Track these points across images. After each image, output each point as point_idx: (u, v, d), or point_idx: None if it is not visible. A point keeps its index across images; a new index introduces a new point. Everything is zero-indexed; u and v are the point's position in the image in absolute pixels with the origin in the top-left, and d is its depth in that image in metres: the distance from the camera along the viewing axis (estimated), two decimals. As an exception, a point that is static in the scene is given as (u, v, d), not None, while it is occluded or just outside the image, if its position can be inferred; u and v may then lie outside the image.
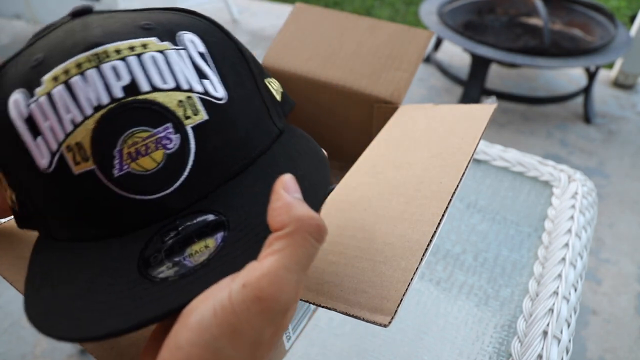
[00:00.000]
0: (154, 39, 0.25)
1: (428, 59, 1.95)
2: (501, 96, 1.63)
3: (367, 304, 0.26)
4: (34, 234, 0.33)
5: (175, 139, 0.24)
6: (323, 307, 0.26)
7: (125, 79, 0.23)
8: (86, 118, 0.23)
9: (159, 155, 0.23)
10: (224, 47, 0.28)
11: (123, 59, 0.23)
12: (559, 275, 0.48)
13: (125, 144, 0.23)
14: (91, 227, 0.24)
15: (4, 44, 2.06)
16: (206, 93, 0.25)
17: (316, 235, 0.20)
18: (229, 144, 0.26)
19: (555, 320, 0.43)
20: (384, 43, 0.50)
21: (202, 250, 0.22)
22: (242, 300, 0.18)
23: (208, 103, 0.25)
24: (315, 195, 0.24)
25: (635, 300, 1.12)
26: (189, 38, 0.26)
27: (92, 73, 0.23)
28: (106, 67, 0.23)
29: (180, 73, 0.25)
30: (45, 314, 0.21)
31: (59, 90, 0.23)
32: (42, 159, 0.23)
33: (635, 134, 1.67)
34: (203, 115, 0.25)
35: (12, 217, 0.30)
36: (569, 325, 0.44)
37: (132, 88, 0.23)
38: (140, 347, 0.27)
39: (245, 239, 0.22)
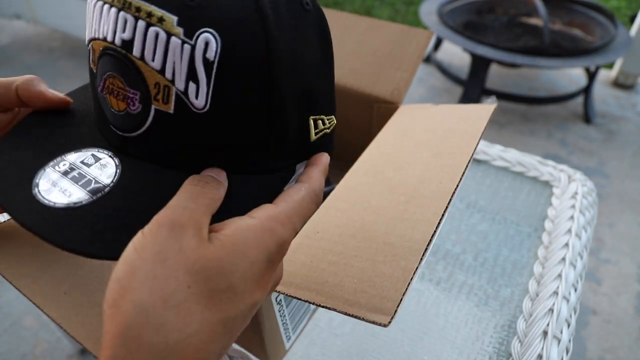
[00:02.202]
0: (174, 19, 0.24)
1: (428, 59, 1.95)
2: (501, 96, 1.63)
3: (367, 304, 0.26)
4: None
5: (138, 106, 0.25)
6: (323, 307, 0.26)
7: (127, 35, 0.25)
8: (100, 39, 0.26)
9: (122, 106, 0.26)
10: (249, 64, 0.25)
11: (136, 17, 0.24)
12: (559, 275, 0.48)
13: (109, 78, 0.26)
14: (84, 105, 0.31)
15: (4, 44, 2.06)
16: (185, 94, 0.25)
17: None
18: (178, 143, 0.26)
19: (555, 320, 0.43)
20: (384, 43, 0.50)
21: (65, 189, 0.25)
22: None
23: (182, 103, 0.25)
24: None
25: (635, 300, 1.12)
26: (206, 38, 0.24)
27: (113, 11, 0.25)
28: (122, 14, 0.25)
29: (171, 62, 0.24)
30: None
31: (99, 6, 0.26)
32: (85, 37, 0.28)
33: (635, 134, 1.67)
34: (170, 108, 0.25)
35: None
36: (569, 325, 0.44)
37: (127, 45, 0.25)
38: None
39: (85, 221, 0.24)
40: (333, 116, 0.31)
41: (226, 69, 0.25)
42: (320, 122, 0.30)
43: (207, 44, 0.24)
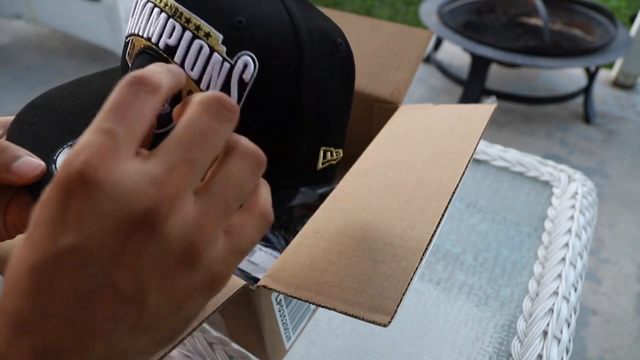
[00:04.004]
0: (220, 37, 0.25)
1: (428, 59, 1.95)
2: (501, 96, 1.63)
3: (366, 304, 0.26)
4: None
5: (167, 108, 0.26)
6: (323, 307, 0.26)
7: (172, 42, 0.26)
8: (144, 37, 0.27)
9: None
10: (280, 89, 0.26)
11: (184, 28, 0.26)
12: (559, 275, 0.48)
13: None
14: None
15: (4, 44, 2.06)
16: None
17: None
18: None
19: (555, 320, 0.43)
20: (384, 43, 0.50)
21: None
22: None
23: None
24: None
25: (635, 300, 1.12)
26: (245, 61, 0.25)
27: (163, 16, 0.26)
28: (170, 22, 0.26)
29: (208, 76, 0.26)
30: None
31: (150, 7, 0.27)
32: (126, 30, 0.30)
33: (635, 134, 1.67)
34: None
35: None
36: (569, 325, 0.44)
37: (171, 50, 0.26)
38: None
39: None
40: (340, 150, 0.32)
41: (258, 91, 0.26)
42: (329, 153, 0.31)
43: (245, 65, 0.25)
